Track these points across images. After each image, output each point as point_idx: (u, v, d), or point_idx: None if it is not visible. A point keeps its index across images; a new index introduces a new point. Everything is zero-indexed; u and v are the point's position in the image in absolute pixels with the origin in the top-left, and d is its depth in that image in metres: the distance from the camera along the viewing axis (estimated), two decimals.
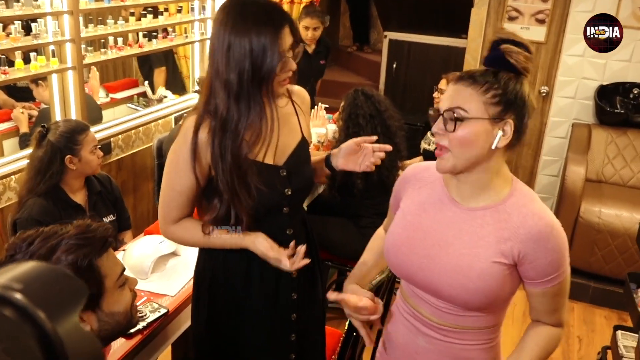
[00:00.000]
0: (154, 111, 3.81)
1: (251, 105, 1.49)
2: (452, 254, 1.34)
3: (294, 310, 1.74)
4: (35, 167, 2.30)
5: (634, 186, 4.02)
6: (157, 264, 2.20)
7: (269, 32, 1.43)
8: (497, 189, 1.34)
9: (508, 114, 1.27)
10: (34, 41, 2.82)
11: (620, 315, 3.61)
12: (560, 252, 1.30)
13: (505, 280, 1.32)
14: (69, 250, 1.19)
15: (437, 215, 1.40)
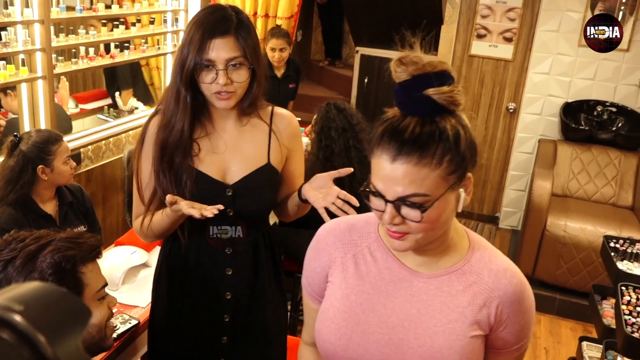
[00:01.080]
0: (124, 122, 3.79)
1: (177, 103, 1.51)
2: (422, 335, 1.09)
3: (226, 312, 1.70)
4: (5, 177, 2.26)
5: (597, 201, 4.13)
6: (128, 275, 2.18)
7: (199, 34, 1.45)
8: (453, 245, 1.12)
9: (467, 170, 1.04)
10: (4, 49, 2.79)
11: (585, 326, 3.69)
12: (531, 314, 1.12)
13: (482, 355, 1.12)
14: (56, 250, 1.20)
15: (389, 287, 1.12)
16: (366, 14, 6.03)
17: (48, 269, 1.19)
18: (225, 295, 1.67)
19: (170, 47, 4.05)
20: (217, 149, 1.59)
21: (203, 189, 1.56)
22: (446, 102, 0.99)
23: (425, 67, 1.00)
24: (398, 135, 0.99)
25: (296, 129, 1.70)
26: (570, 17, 4.33)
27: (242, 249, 1.65)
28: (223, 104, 1.51)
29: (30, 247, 1.20)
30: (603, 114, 4.32)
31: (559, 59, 4.43)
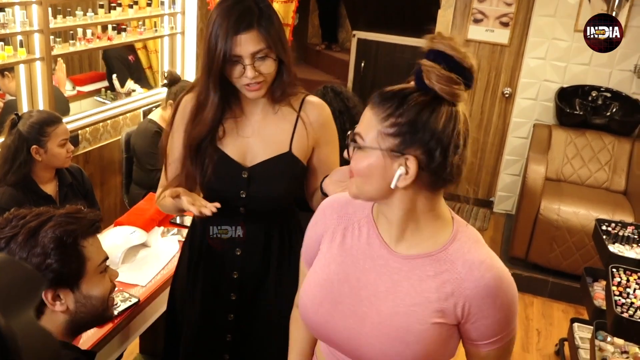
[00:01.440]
0: (122, 104, 3.80)
1: (209, 94, 1.55)
2: (384, 312, 1.11)
3: (231, 311, 1.74)
4: (3, 155, 2.29)
5: (591, 185, 4.17)
6: (128, 255, 2.21)
7: (223, 30, 1.45)
8: (434, 232, 1.12)
9: (410, 148, 1.03)
10: (2, 30, 2.79)
11: (577, 309, 3.74)
12: (509, 310, 1.09)
13: (446, 343, 1.11)
14: (57, 225, 1.23)
15: (365, 263, 1.16)
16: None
17: (50, 243, 1.21)
18: (233, 274, 1.71)
19: (167, 29, 4.04)
20: (243, 132, 1.61)
21: (221, 169, 1.59)
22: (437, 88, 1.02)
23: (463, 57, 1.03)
24: (385, 87, 1.08)
25: (327, 118, 1.67)
26: (566, 2, 4.34)
27: (252, 233, 1.68)
28: (253, 94, 1.54)
29: (31, 223, 1.22)
30: (598, 99, 4.34)
31: (554, 44, 4.44)
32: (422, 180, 1.06)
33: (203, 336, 1.78)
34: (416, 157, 1.03)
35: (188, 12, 4.13)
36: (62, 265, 1.22)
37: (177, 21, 4.09)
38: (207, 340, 1.78)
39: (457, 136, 1.04)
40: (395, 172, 1.04)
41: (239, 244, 1.68)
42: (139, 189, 3.27)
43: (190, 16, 4.15)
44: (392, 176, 1.05)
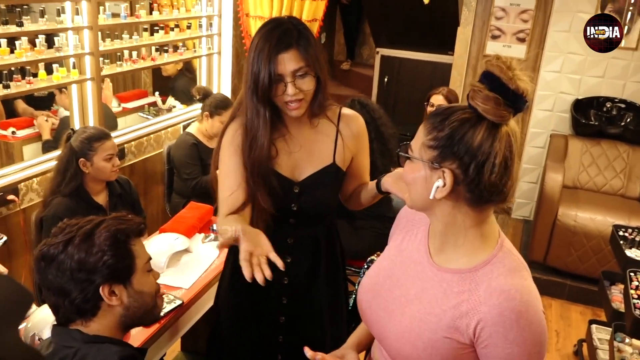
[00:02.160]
0: (163, 120, 3.86)
1: (254, 117, 1.54)
2: (407, 314, 1.13)
3: (283, 314, 1.75)
4: (57, 166, 2.36)
5: (606, 192, 4.10)
6: (172, 260, 2.25)
7: (265, 52, 1.47)
8: (472, 250, 1.10)
9: (447, 161, 1.04)
10: (57, 54, 2.87)
11: (594, 311, 3.68)
12: (523, 347, 1.02)
13: (457, 358, 1.08)
14: (110, 226, 1.29)
15: (409, 266, 1.19)
16: (385, 16, 6.02)
17: (105, 241, 1.26)
18: (283, 280, 1.71)
19: (205, 50, 4.10)
20: (291, 148, 1.63)
21: (275, 185, 1.59)
22: (479, 108, 1.02)
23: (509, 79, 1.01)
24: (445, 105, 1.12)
25: (362, 128, 1.70)
26: (580, 18, 4.29)
27: (302, 239, 1.69)
28: (295, 112, 1.54)
29: (85, 227, 1.28)
30: (612, 110, 4.27)
31: (569, 57, 4.39)
32: (460, 194, 1.06)
33: (255, 338, 1.79)
34: (452, 171, 1.04)
35: (224, 33, 4.19)
36: (117, 261, 1.27)
37: (214, 42, 4.15)
38: (260, 341, 1.79)
39: (495, 156, 1.01)
40: (435, 183, 1.05)
41: (289, 251, 1.68)
42: (179, 198, 3.31)
43: (226, 37, 4.20)
44: (432, 187, 1.06)
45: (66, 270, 1.24)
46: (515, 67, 1.03)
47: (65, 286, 1.25)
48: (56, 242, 1.26)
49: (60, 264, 1.24)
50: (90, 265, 1.25)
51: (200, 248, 2.39)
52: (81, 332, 1.27)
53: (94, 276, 1.25)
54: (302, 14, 3.98)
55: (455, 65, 4.84)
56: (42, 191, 2.75)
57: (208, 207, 2.64)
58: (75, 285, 1.25)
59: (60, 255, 1.25)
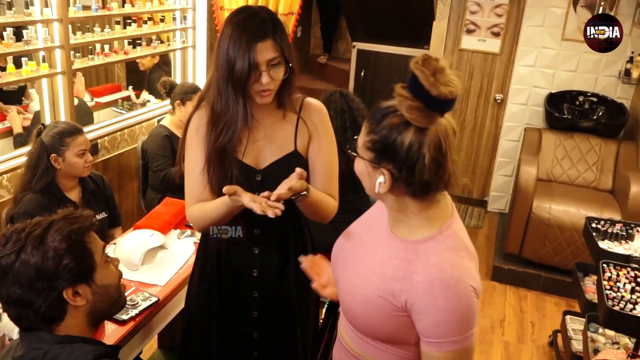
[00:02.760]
0: (137, 114, 3.80)
1: (229, 105, 1.54)
2: (357, 270, 1.25)
3: (255, 308, 1.74)
4: (27, 162, 2.30)
5: (580, 185, 4.16)
6: (147, 257, 2.21)
7: (243, 41, 1.46)
8: (418, 227, 1.18)
9: (383, 162, 1.13)
10: (26, 47, 2.80)
11: (568, 302, 3.73)
12: (451, 317, 1.09)
13: (390, 319, 1.16)
14: (61, 228, 1.22)
15: (370, 230, 1.31)
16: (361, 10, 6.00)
17: (61, 244, 1.20)
18: (253, 272, 1.70)
19: (179, 43, 4.05)
20: (255, 137, 1.62)
21: (239, 175, 1.59)
22: (407, 114, 1.08)
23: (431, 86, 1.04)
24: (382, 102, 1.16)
25: (323, 116, 1.68)
26: (553, 13, 4.34)
27: (270, 230, 1.68)
28: (265, 100, 1.55)
29: (34, 232, 1.21)
30: (585, 104, 4.34)
31: (543, 52, 4.44)
32: (401, 188, 1.14)
33: (230, 336, 1.77)
34: (389, 170, 1.12)
35: (199, 27, 4.14)
36: (77, 263, 1.22)
37: (189, 35, 4.10)
38: (235, 339, 1.77)
39: (423, 157, 1.08)
40: (377, 179, 1.15)
41: (257, 242, 1.67)
42: (154, 194, 3.27)
43: (201, 31, 4.15)
44: (375, 182, 1.15)
45: (24, 280, 1.18)
46: (441, 68, 1.05)
47: (25, 297, 1.19)
48: (7, 252, 1.19)
49: (16, 275, 1.18)
50: (50, 271, 1.19)
51: (176, 244, 2.36)
52: (50, 333, 1.23)
53: (55, 282, 1.20)
54: (278, 7, 3.96)
55: None
56: (13, 188, 2.68)
57: (183, 202, 2.60)
58: (36, 295, 1.19)
59: (15, 266, 1.18)
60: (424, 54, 1.07)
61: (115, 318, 1.82)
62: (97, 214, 2.46)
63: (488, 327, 3.43)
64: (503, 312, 3.62)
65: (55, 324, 1.23)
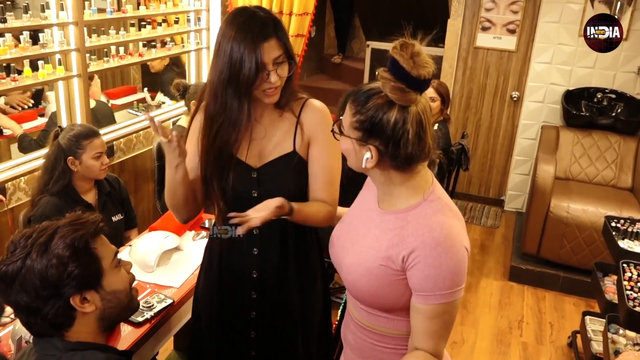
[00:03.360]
0: (153, 116, 3.79)
1: (225, 108, 1.52)
2: (353, 250, 1.35)
3: (253, 309, 1.73)
4: (45, 164, 2.32)
5: (598, 183, 4.10)
6: (162, 258, 2.21)
7: (248, 42, 1.45)
8: (404, 198, 1.29)
9: (370, 139, 1.23)
10: (42, 50, 2.82)
11: (587, 302, 3.68)
12: (438, 271, 1.20)
13: (392, 284, 1.27)
14: (65, 235, 1.21)
15: (362, 212, 1.41)
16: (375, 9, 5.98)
17: (64, 252, 1.19)
18: (252, 273, 1.70)
19: (194, 45, 4.06)
20: (255, 136, 1.61)
21: (235, 172, 1.60)
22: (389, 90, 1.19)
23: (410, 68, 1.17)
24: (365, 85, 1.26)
25: (323, 119, 1.64)
26: (570, 9, 4.28)
27: (269, 231, 1.66)
28: (272, 99, 1.55)
29: (39, 239, 1.20)
30: (603, 101, 4.27)
31: (560, 48, 4.38)
32: (386, 163, 1.26)
33: (228, 335, 1.77)
34: (376, 147, 1.23)
35: (212, 28, 4.14)
36: (81, 270, 1.21)
37: (203, 37, 4.11)
38: (233, 338, 1.77)
39: (408, 133, 1.20)
40: (364, 156, 1.25)
41: (256, 242, 1.67)
42: None
43: (215, 32, 4.13)
44: (362, 158, 1.26)
45: (30, 288, 1.17)
46: (417, 51, 1.17)
47: (33, 304, 1.18)
48: (14, 259, 1.19)
49: (23, 282, 1.17)
50: (54, 279, 1.18)
51: (191, 246, 2.36)
52: (62, 340, 1.23)
53: (61, 290, 1.19)
54: (293, 7, 3.94)
55: (445, 57, 4.81)
56: (30, 190, 2.70)
57: None
58: (43, 302, 1.18)
59: (21, 273, 1.18)
60: (401, 40, 1.19)
61: (130, 320, 1.82)
62: (112, 216, 2.47)
63: (506, 328, 3.39)
64: (521, 312, 3.57)
65: (64, 330, 1.23)
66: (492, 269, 4.07)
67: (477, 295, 3.72)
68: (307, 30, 3.95)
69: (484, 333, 3.31)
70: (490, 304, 3.63)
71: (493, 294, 3.75)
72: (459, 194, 4.88)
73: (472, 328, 3.34)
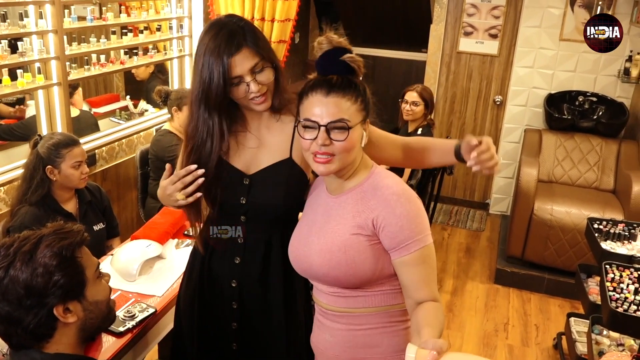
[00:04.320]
0: (135, 124, 3.79)
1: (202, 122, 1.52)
2: (319, 238, 1.41)
3: (234, 320, 1.70)
4: (24, 175, 2.29)
5: (581, 185, 4.14)
6: (144, 267, 2.18)
7: (215, 57, 1.43)
8: (359, 174, 1.42)
9: (368, 116, 1.39)
10: (21, 59, 2.78)
11: (572, 303, 3.70)
12: (409, 219, 1.32)
13: (367, 250, 1.36)
14: (51, 243, 1.20)
15: (317, 208, 1.49)
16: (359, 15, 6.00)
17: (51, 260, 1.18)
18: (232, 282, 1.66)
19: (176, 52, 4.04)
20: (249, 144, 1.59)
21: (225, 178, 1.57)
22: (356, 65, 1.37)
23: (340, 43, 1.38)
24: (328, 81, 1.34)
25: None
26: (551, 13, 4.33)
27: (253, 241, 1.63)
28: (262, 106, 1.51)
29: (23, 248, 1.19)
30: (584, 104, 4.32)
31: (541, 52, 4.43)
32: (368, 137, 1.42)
33: (209, 344, 1.75)
34: (368, 121, 1.40)
35: (195, 35, 4.13)
36: (68, 279, 1.20)
37: (185, 44, 4.09)
38: (214, 349, 1.74)
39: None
40: (363, 135, 1.39)
41: (238, 251, 1.64)
42: (154, 202, 3.25)
43: (197, 39, 4.14)
44: (361, 139, 1.38)
45: (13, 297, 1.16)
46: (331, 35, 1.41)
47: (14, 314, 1.17)
48: None
49: (5, 291, 1.16)
50: (39, 288, 1.16)
51: (174, 254, 2.34)
52: (41, 352, 1.21)
53: (45, 299, 1.17)
54: (275, 13, 3.94)
55: (429, 62, 4.84)
56: (9, 200, 2.67)
57: (181, 211, 2.58)
58: (25, 312, 1.17)
59: (3, 282, 1.16)
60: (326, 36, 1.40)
61: (112, 330, 1.80)
62: (94, 225, 2.44)
63: (492, 331, 3.40)
64: (507, 315, 3.59)
65: (45, 341, 1.21)
66: (477, 272, 4.09)
67: (462, 298, 3.73)
68: (289, 37, 3.95)
69: (470, 336, 3.31)
70: (476, 307, 3.64)
71: (479, 297, 3.76)
72: (444, 198, 4.90)
73: (457, 332, 3.34)
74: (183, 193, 1.49)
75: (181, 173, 1.50)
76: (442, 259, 4.22)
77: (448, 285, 3.88)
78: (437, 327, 1.23)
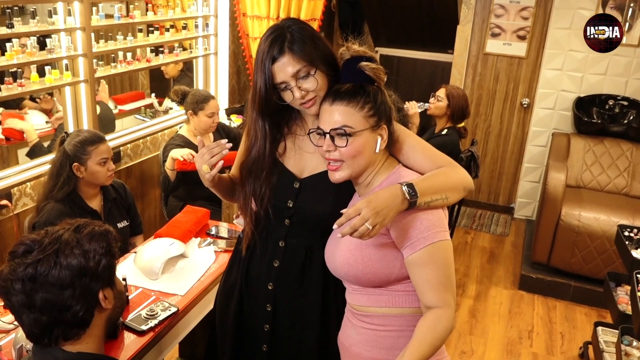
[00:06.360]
0: (160, 122, 3.80)
1: (251, 128, 1.57)
2: (345, 244, 1.43)
3: (267, 322, 1.68)
4: (50, 172, 2.30)
5: (610, 191, 4.05)
6: (167, 265, 2.18)
7: (259, 65, 1.46)
8: (378, 177, 1.45)
9: (382, 120, 1.40)
10: (49, 55, 2.81)
11: (599, 312, 3.62)
12: (416, 215, 1.34)
13: (382, 249, 1.39)
14: (93, 230, 1.29)
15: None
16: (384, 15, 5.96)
17: (100, 244, 1.27)
18: (268, 285, 1.65)
19: (202, 50, 4.05)
20: (306, 148, 1.59)
21: (276, 179, 1.58)
22: (372, 73, 1.40)
23: (358, 52, 1.43)
24: (335, 91, 1.41)
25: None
26: (581, 15, 4.24)
27: (295, 246, 1.62)
28: (312, 110, 1.49)
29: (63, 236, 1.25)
30: (615, 108, 4.22)
31: (571, 55, 4.34)
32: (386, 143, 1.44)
33: (240, 345, 1.74)
34: (385, 124, 1.41)
35: (221, 34, 4.14)
36: (111, 264, 1.29)
37: (211, 43, 4.10)
38: (244, 350, 1.74)
39: (393, 104, 1.46)
40: (377, 140, 1.41)
41: (279, 255, 1.63)
42: (176, 201, 3.26)
43: (223, 38, 4.15)
44: (375, 145, 1.41)
45: (66, 283, 1.20)
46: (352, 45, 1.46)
47: (65, 301, 1.20)
48: (37, 258, 1.19)
49: (57, 279, 1.19)
50: (92, 271, 1.23)
51: (197, 253, 2.33)
52: (63, 351, 1.21)
53: (95, 283, 1.24)
54: (300, 13, 3.93)
55: (455, 64, 4.78)
56: (36, 196, 2.69)
57: (204, 210, 2.58)
58: (75, 299, 1.22)
59: (54, 270, 1.19)
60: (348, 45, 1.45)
61: (134, 328, 1.80)
62: (118, 223, 2.45)
63: (516, 338, 3.33)
64: (531, 322, 3.52)
65: (82, 331, 1.25)
66: (501, 277, 4.02)
67: (486, 304, 3.67)
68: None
69: (493, 343, 3.25)
70: (500, 313, 3.58)
71: (503, 303, 3.69)
72: (467, 201, 4.84)
73: (481, 338, 3.29)
74: (208, 164, 1.49)
75: (211, 145, 1.51)
76: (465, 263, 4.17)
77: (471, 290, 3.82)
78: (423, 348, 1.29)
